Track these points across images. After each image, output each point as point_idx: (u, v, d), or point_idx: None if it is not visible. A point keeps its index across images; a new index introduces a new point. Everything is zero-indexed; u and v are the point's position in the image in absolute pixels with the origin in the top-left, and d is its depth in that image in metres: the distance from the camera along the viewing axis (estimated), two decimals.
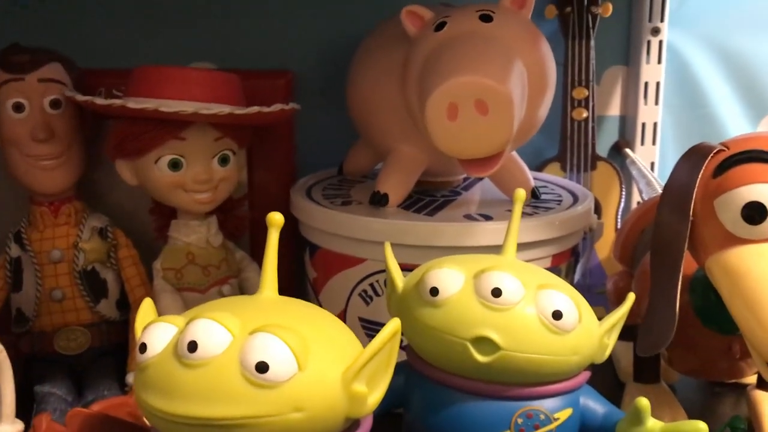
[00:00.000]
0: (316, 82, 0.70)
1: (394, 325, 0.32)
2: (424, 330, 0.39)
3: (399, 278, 0.43)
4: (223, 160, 0.55)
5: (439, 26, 0.49)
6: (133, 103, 0.50)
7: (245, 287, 0.60)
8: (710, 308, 0.49)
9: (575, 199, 0.59)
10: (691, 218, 0.42)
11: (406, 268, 0.52)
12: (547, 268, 0.54)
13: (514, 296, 0.38)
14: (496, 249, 0.50)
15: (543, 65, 0.50)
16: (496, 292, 0.38)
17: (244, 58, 0.69)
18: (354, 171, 0.66)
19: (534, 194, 0.58)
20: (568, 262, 0.57)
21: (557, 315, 0.37)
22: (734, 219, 0.40)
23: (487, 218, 0.53)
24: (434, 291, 0.39)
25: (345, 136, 0.66)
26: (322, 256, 0.56)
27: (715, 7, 0.78)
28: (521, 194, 0.43)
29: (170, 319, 0.33)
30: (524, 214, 0.53)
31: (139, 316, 0.35)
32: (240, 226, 0.61)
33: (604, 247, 0.73)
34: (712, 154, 0.42)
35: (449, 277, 0.39)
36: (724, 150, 0.42)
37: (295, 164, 0.70)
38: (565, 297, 0.38)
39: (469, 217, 0.54)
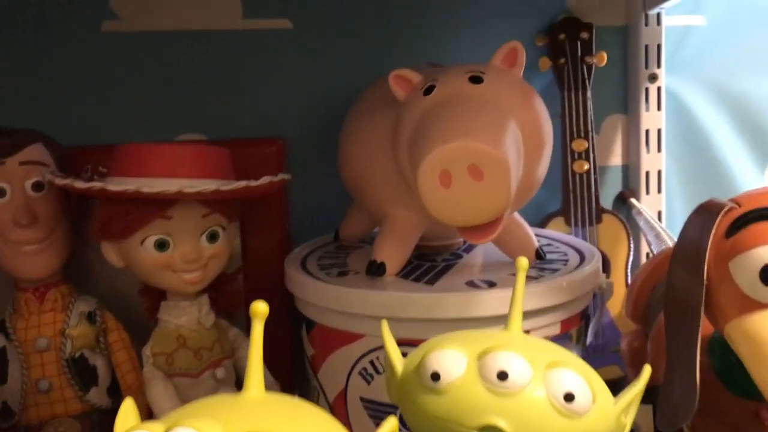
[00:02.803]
0: (308, 147, 0.69)
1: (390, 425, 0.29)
2: (428, 419, 0.36)
3: (398, 361, 0.40)
4: (212, 237, 0.52)
5: (428, 90, 0.48)
6: (114, 185, 0.48)
7: (240, 366, 0.57)
8: (732, 371, 0.46)
9: (582, 257, 0.57)
10: (705, 281, 0.39)
11: (407, 343, 0.49)
12: (557, 335, 0.52)
13: (521, 378, 0.35)
14: (502, 319, 0.48)
15: (538, 123, 0.48)
16: (502, 375, 0.35)
17: (233, 127, 0.67)
18: (350, 236, 0.64)
19: (539, 255, 0.56)
20: (579, 326, 0.54)
21: (569, 397, 0.34)
22: (752, 282, 0.37)
23: (491, 284, 0.51)
24: (435, 376, 0.36)
25: (340, 201, 0.65)
26: (319, 332, 0.54)
27: (713, 50, 0.77)
28: (523, 263, 0.40)
29: (149, 427, 0.30)
30: (529, 278, 0.51)
31: (118, 420, 0.33)
32: (234, 302, 0.59)
33: (616, 304, 0.70)
34: (723, 212, 0.39)
35: (451, 360, 0.36)
36: (735, 207, 0.39)
37: (290, 232, 0.67)
38: (577, 376, 0.35)
39: (471, 284, 0.51)
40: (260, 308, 0.33)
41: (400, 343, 0.49)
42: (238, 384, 0.57)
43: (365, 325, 0.50)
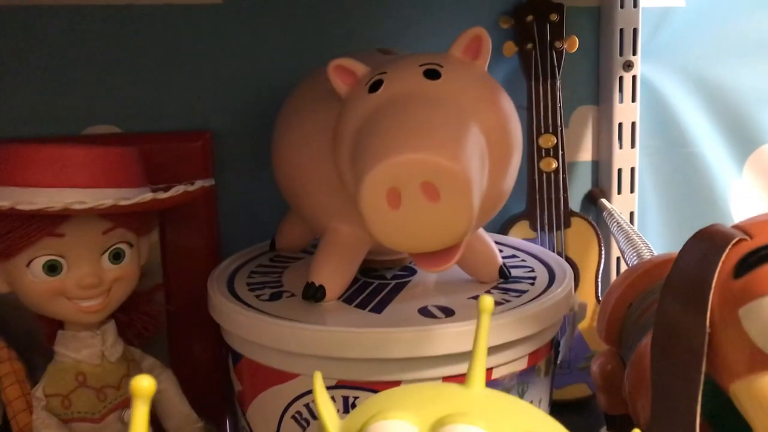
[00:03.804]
0: (239, 141, 0.60)
1: None
2: None
3: (333, 427, 0.32)
4: (116, 256, 0.44)
5: (375, 85, 0.40)
6: None
7: (158, 400, 0.49)
8: (724, 414, 0.40)
9: (551, 274, 0.50)
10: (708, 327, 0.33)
11: (350, 386, 0.42)
12: (524, 370, 0.45)
13: None
14: (461, 357, 0.41)
15: (505, 127, 0.40)
16: None
17: (152, 118, 0.58)
18: (289, 246, 0.56)
19: (502, 273, 0.49)
20: (548, 356, 0.47)
21: None
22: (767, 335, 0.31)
23: (448, 313, 0.43)
24: None
25: (277, 203, 0.56)
26: (246, 366, 0.46)
27: (690, 35, 0.70)
28: (487, 305, 0.33)
29: None
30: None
31: None
32: (151, 326, 0.51)
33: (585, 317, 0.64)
34: (730, 245, 0.32)
35: None
36: (745, 239, 0.32)
37: (220, 239, 0.59)
38: None
39: (425, 313, 0.44)
40: (143, 386, 0.25)
41: (343, 385, 0.42)
42: (154, 426, 0.49)
43: (300, 363, 0.42)
